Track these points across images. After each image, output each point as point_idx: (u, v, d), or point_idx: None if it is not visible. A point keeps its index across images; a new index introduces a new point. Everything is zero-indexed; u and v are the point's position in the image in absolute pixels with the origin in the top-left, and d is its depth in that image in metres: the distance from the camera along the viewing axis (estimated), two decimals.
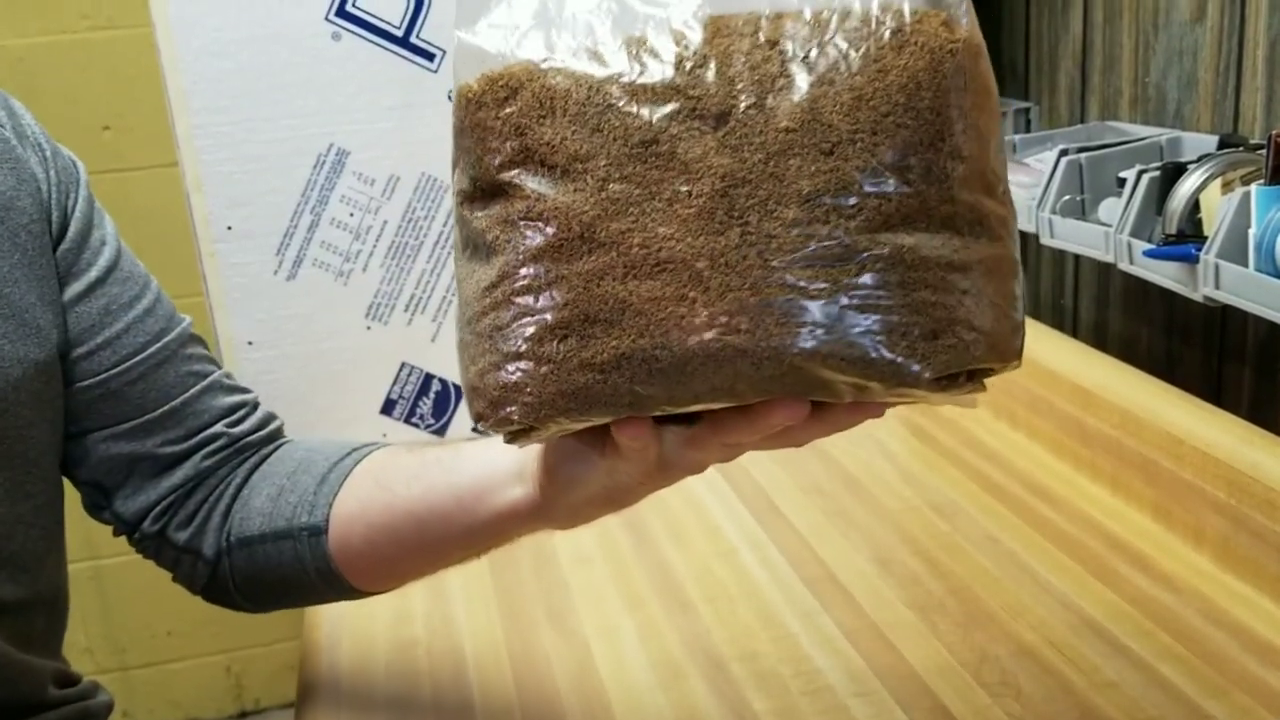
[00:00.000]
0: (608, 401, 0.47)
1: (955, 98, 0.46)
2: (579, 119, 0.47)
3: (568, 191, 0.47)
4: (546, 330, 0.47)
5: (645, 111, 0.46)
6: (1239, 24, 0.97)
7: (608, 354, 0.46)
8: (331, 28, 1.05)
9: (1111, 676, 0.74)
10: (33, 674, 0.72)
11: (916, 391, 0.47)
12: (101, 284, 0.72)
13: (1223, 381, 1.04)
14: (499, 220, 0.49)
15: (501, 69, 0.48)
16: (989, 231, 0.47)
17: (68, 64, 1.66)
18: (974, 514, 0.97)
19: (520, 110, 0.48)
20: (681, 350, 0.46)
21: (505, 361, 0.48)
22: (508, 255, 0.48)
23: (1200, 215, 0.87)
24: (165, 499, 0.74)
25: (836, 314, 0.45)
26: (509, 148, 0.48)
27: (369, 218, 1.10)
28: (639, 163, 0.46)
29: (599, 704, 0.77)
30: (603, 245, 0.46)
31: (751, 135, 0.46)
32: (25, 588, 0.69)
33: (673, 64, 0.47)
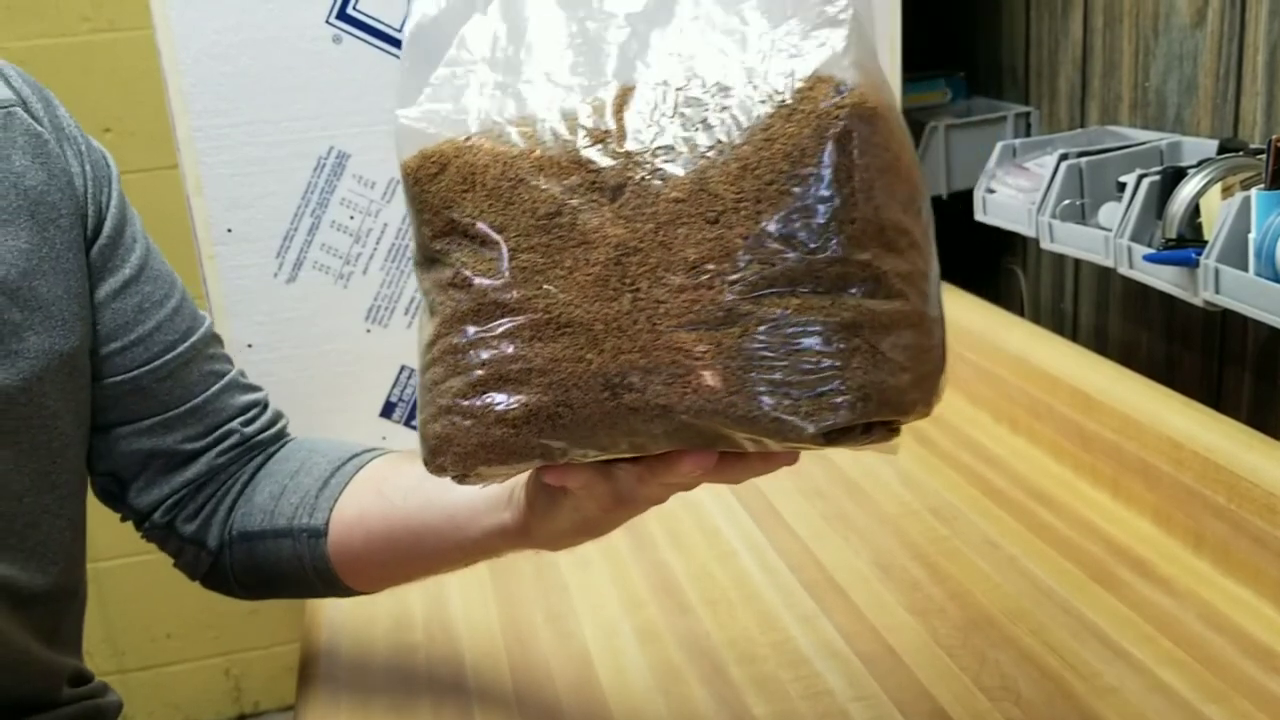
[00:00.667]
0: (522, 453, 0.51)
1: (842, 162, 0.47)
2: (495, 193, 0.50)
3: (484, 260, 0.51)
4: (469, 387, 0.51)
5: (551, 185, 0.50)
6: (1239, 29, 0.97)
7: (518, 410, 0.50)
8: (332, 31, 1.05)
9: (1111, 681, 0.74)
10: (53, 672, 0.73)
11: (809, 446, 0.49)
12: (135, 282, 0.73)
13: (1223, 386, 1.04)
14: (436, 284, 0.53)
15: (434, 146, 0.52)
16: (885, 289, 0.49)
17: (68, 66, 1.66)
18: (974, 518, 0.97)
19: (447, 185, 0.52)
20: (580, 408, 0.49)
21: (440, 414, 0.52)
22: (441, 316, 0.52)
23: (1200, 220, 0.87)
24: (178, 493, 0.76)
25: (719, 375, 0.48)
26: (438, 220, 0.52)
27: (369, 221, 1.10)
28: (544, 233, 0.49)
29: (598, 707, 0.77)
30: (513, 310, 0.50)
31: (644, 206, 0.48)
32: (52, 578, 0.70)
33: (580, 139, 0.50)
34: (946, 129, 1.27)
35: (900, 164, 0.50)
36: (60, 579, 0.71)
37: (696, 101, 0.49)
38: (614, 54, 0.51)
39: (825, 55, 0.48)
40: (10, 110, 0.68)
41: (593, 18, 0.52)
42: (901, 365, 0.49)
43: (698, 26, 0.50)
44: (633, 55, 0.51)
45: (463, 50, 0.53)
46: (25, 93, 0.70)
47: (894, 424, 0.50)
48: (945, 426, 1.14)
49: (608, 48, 0.51)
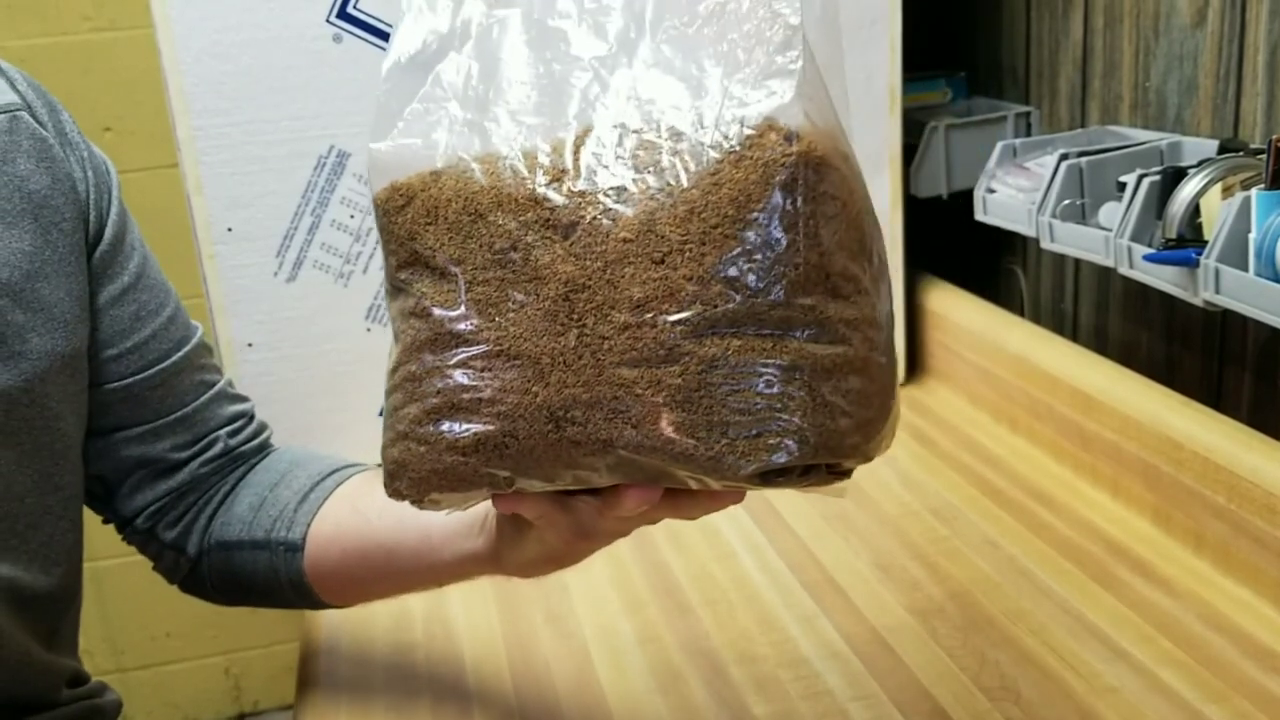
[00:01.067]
0: (472, 480, 0.52)
1: (787, 209, 0.48)
2: (455, 226, 0.52)
3: (442, 291, 0.52)
4: (425, 414, 0.52)
5: (508, 221, 0.51)
6: (1239, 29, 0.97)
7: (468, 439, 0.51)
8: (333, 30, 1.05)
9: (1111, 681, 0.74)
10: (51, 674, 0.73)
11: (747, 486, 0.50)
12: (133, 289, 0.74)
13: (1223, 386, 1.04)
14: (400, 313, 0.54)
15: (404, 179, 0.53)
16: (829, 334, 0.49)
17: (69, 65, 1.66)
18: (974, 518, 0.97)
19: (411, 218, 0.53)
20: (526, 439, 0.50)
21: (397, 439, 0.53)
22: (403, 344, 0.53)
23: (1200, 220, 0.87)
24: (160, 500, 0.77)
25: (658, 412, 0.49)
26: (403, 251, 0.53)
27: (369, 220, 1.10)
28: (499, 267, 0.51)
29: (598, 707, 0.77)
30: (467, 340, 0.51)
31: (594, 244, 0.50)
32: (54, 579, 0.71)
33: (538, 177, 0.51)
34: (947, 129, 1.27)
35: (848, 211, 0.51)
36: (62, 580, 0.72)
37: (651, 145, 0.50)
38: (576, 96, 0.52)
39: (774, 104, 0.49)
40: (16, 115, 0.68)
41: (559, 60, 0.53)
42: (843, 410, 0.49)
43: (657, 72, 0.52)
44: (594, 98, 0.52)
45: (437, 87, 0.55)
46: (30, 97, 0.70)
47: (836, 467, 0.51)
48: (945, 427, 1.14)
49: (571, 90, 0.52)
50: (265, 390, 1.10)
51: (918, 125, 1.27)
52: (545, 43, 0.54)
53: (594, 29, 0.53)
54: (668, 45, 0.52)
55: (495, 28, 0.54)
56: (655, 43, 0.52)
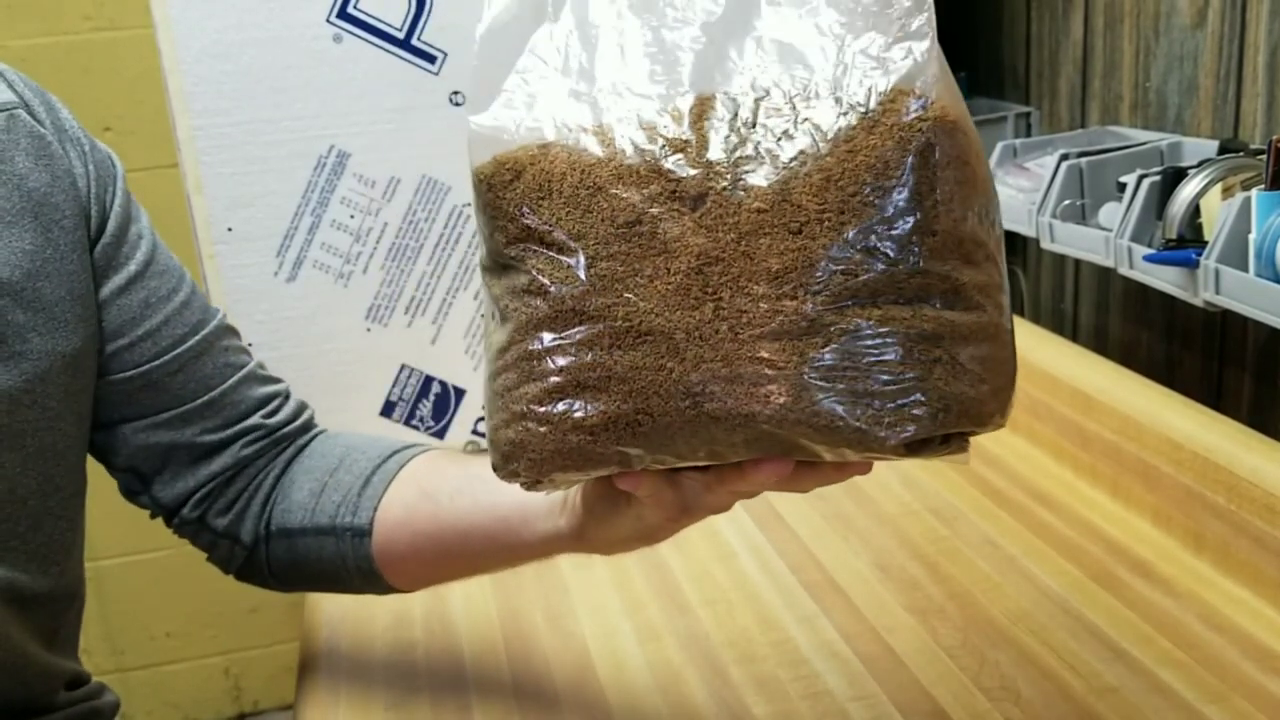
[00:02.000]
0: (599, 460, 0.51)
1: (924, 175, 0.48)
2: (572, 201, 0.50)
3: (562, 267, 0.50)
4: (545, 394, 0.50)
5: (630, 194, 0.50)
6: (1239, 29, 0.97)
7: (596, 417, 0.50)
8: (333, 30, 1.05)
9: (1111, 681, 0.74)
10: (50, 675, 0.73)
11: (889, 456, 0.49)
12: (140, 277, 0.73)
13: (1223, 386, 1.04)
14: (508, 291, 0.52)
15: (508, 152, 0.52)
16: (964, 300, 0.49)
17: (69, 65, 1.66)
18: (974, 519, 0.97)
19: (522, 192, 0.51)
20: (661, 416, 0.49)
21: (513, 420, 0.52)
22: (515, 323, 0.52)
23: (1200, 220, 0.87)
24: (205, 486, 0.76)
25: (802, 384, 0.48)
26: (513, 227, 0.52)
27: (369, 220, 1.10)
28: (624, 241, 0.49)
29: (598, 706, 0.77)
30: (591, 317, 0.50)
31: (725, 216, 0.49)
32: (53, 580, 0.71)
33: (658, 148, 0.50)
34: None
35: (978, 177, 0.50)
36: (61, 581, 0.71)
37: (777, 112, 0.49)
38: (690, 63, 0.51)
39: (908, 67, 0.49)
40: (12, 113, 0.68)
41: (666, 26, 0.52)
42: (980, 376, 0.49)
43: (776, 35, 0.51)
44: (710, 65, 0.51)
45: (534, 58, 0.53)
46: (27, 95, 0.70)
47: (969, 434, 0.50)
48: None
49: (683, 56, 0.51)
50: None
51: None
52: (649, 7, 0.52)
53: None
54: (786, 7, 0.51)
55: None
56: (772, 5, 0.51)
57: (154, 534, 0.81)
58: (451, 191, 1.08)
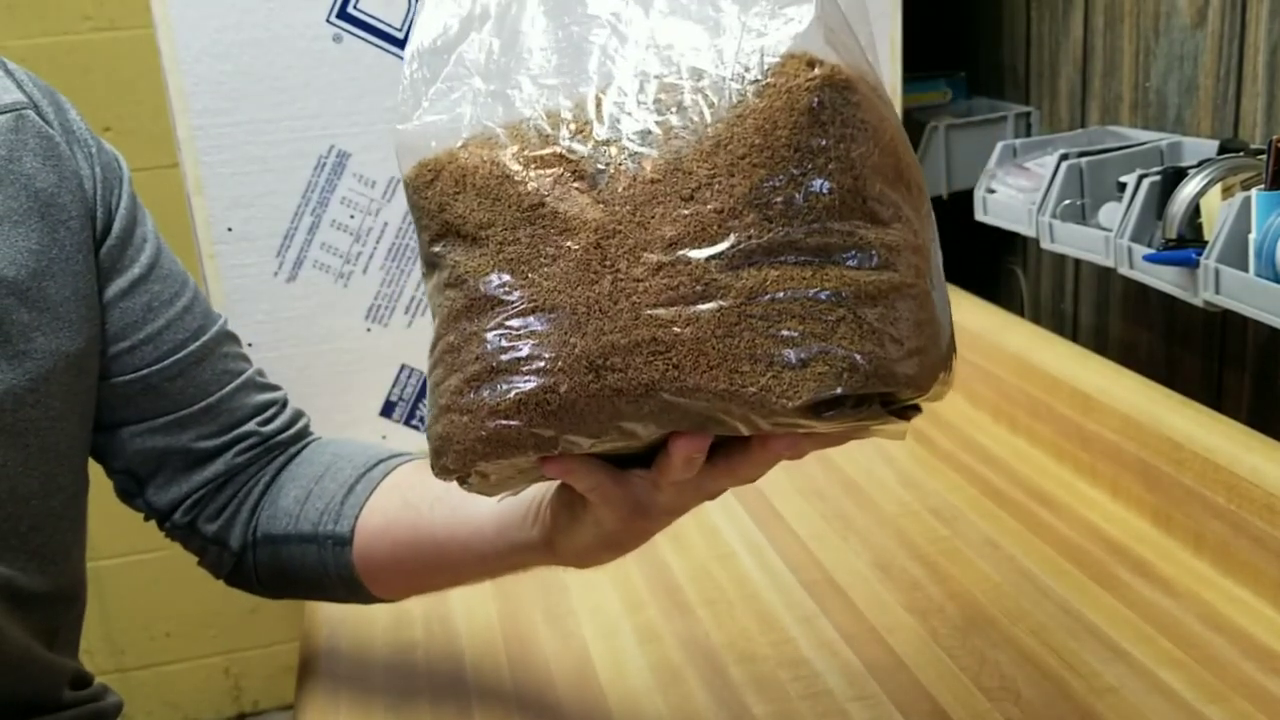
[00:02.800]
0: (516, 444, 0.50)
1: (815, 132, 0.48)
2: (483, 192, 0.51)
3: (474, 257, 0.51)
4: (464, 383, 0.51)
5: (534, 178, 0.50)
6: (1239, 29, 0.97)
7: (509, 401, 0.50)
8: (333, 30, 1.05)
9: (1111, 681, 0.74)
10: (53, 673, 0.73)
11: (797, 421, 0.48)
12: (144, 280, 0.73)
13: (1223, 386, 1.04)
14: (435, 288, 0.54)
15: (430, 155, 0.53)
16: (871, 258, 0.48)
17: (69, 65, 1.66)
18: (973, 518, 0.97)
19: (440, 190, 0.53)
20: (567, 392, 0.49)
21: (440, 414, 0.52)
22: (439, 319, 0.53)
23: (1200, 220, 0.87)
24: (197, 492, 0.76)
25: (700, 349, 0.47)
26: (434, 224, 0.53)
27: (369, 220, 1.10)
28: (529, 225, 0.50)
29: (597, 706, 0.77)
30: (501, 303, 0.50)
31: (621, 189, 0.49)
32: (52, 580, 0.71)
33: (561, 132, 0.51)
34: (947, 129, 1.27)
35: (879, 136, 0.49)
36: (60, 582, 0.71)
37: (672, 87, 0.50)
38: (595, 52, 0.52)
39: (793, 30, 0.48)
40: (21, 113, 0.68)
41: (576, 22, 0.53)
42: (892, 337, 0.48)
43: (674, 19, 0.51)
44: (613, 51, 0.51)
45: (459, 66, 0.54)
46: (36, 96, 0.70)
47: (892, 402, 0.49)
48: (945, 426, 1.14)
49: (589, 47, 0.52)
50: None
51: (918, 125, 1.28)
52: (563, 8, 0.53)
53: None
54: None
55: (514, 4, 0.54)
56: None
57: (154, 534, 0.81)
58: None
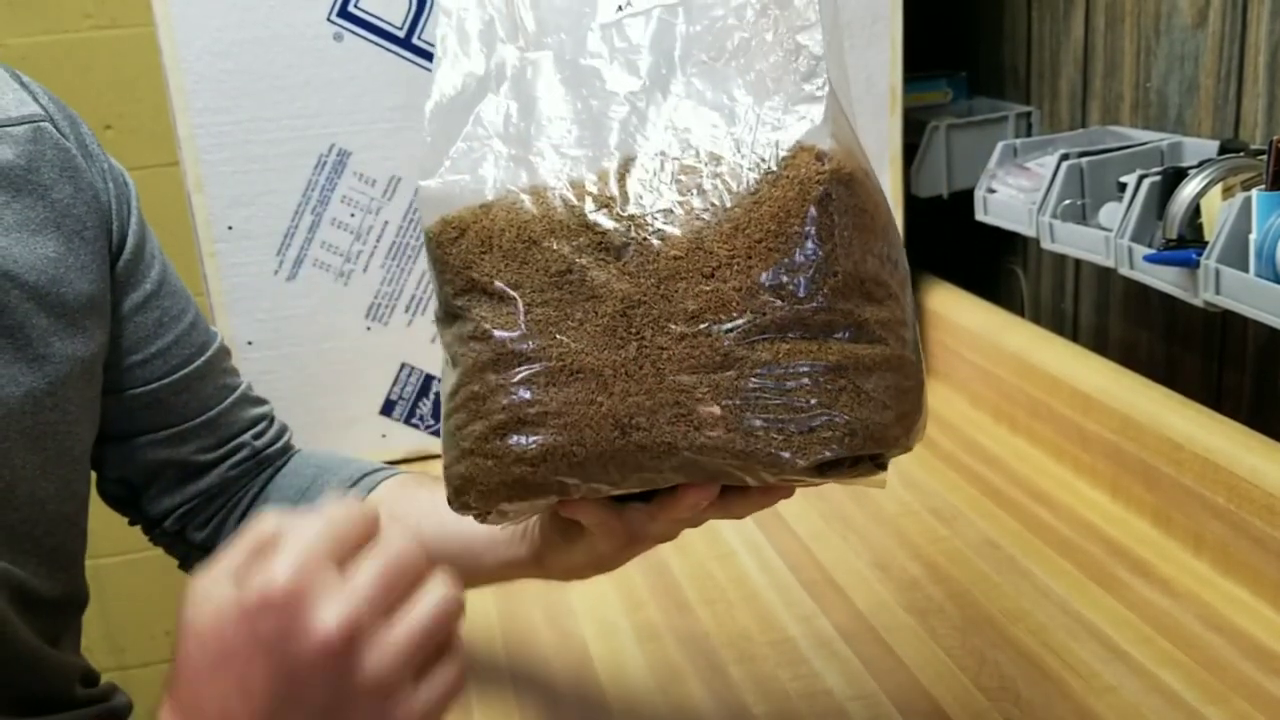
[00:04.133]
0: (540, 489, 0.54)
1: (824, 221, 0.52)
2: (510, 254, 0.55)
3: (502, 314, 0.55)
4: (490, 430, 0.54)
5: (561, 246, 0.54)
6: (1240, 30, 0.97)
7: (536, 450, 0.54)
8: (333, 28, 1.05)
9: (1110, 681, 0.74)
10: (63, 670, 0.73)
11: (802, 479, 0.53)
12: (155, 296, 0.75)
13: (1223, 387, 1.04)
14: (457, 338, 0.57)
15: (454, 213, 0.57)
16: (868, 334, 0.53)
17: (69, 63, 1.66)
18: (973, 518, 0.97)
19: (466, 248, 0.56)
20: (593, 446, 0.53)
21: (463, 456, 0.56)
22: (463, 367, 0.56)
23: (1201, 220, 0.87)
24: (190, 502, 0.78)
25: (719, 414, 0.52)
26: (459, 279, 0.56)
27: (370, 218, 1.10)
28: (556, 289, 0.54)
29: (597, 705, 0.77)
30: (529, 359, 0.54)
31: (646, 263, 0.53)
32: (62, 584, 0.72)
33: (587, 204, 0.55)
34: (948, 129, 1.27)
35: (876, 222, 0.55)
36: (69, 588, 0.72)
37: (691, 169, 0.54)
38: (615, 128, 0.56)
39: (806, 127, 0.53)
40: (40, 125, 0.70)
41: (595, 96, 0.57)
42: (884, 404, 0.53)
43: (691, 103, 0.56)
44: (632, 129, 0.56)
45: (478, 126, 0.58)
46: (52, 110, 0.72)
47: (879, 459, 0.54)
48: (945, 427, 1.14)
49: (609, 122, 0.56)
50: (265, 388, 1.10)
51: (919, 125, 1.27)
52: (580, 81, 0.57)
53: (626, 66, 0.57)
54: (698, 78, 0.56)
55: (529, 69, 0.58)
56: (686, 77, 0.56)
57: None
58: None
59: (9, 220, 0.67)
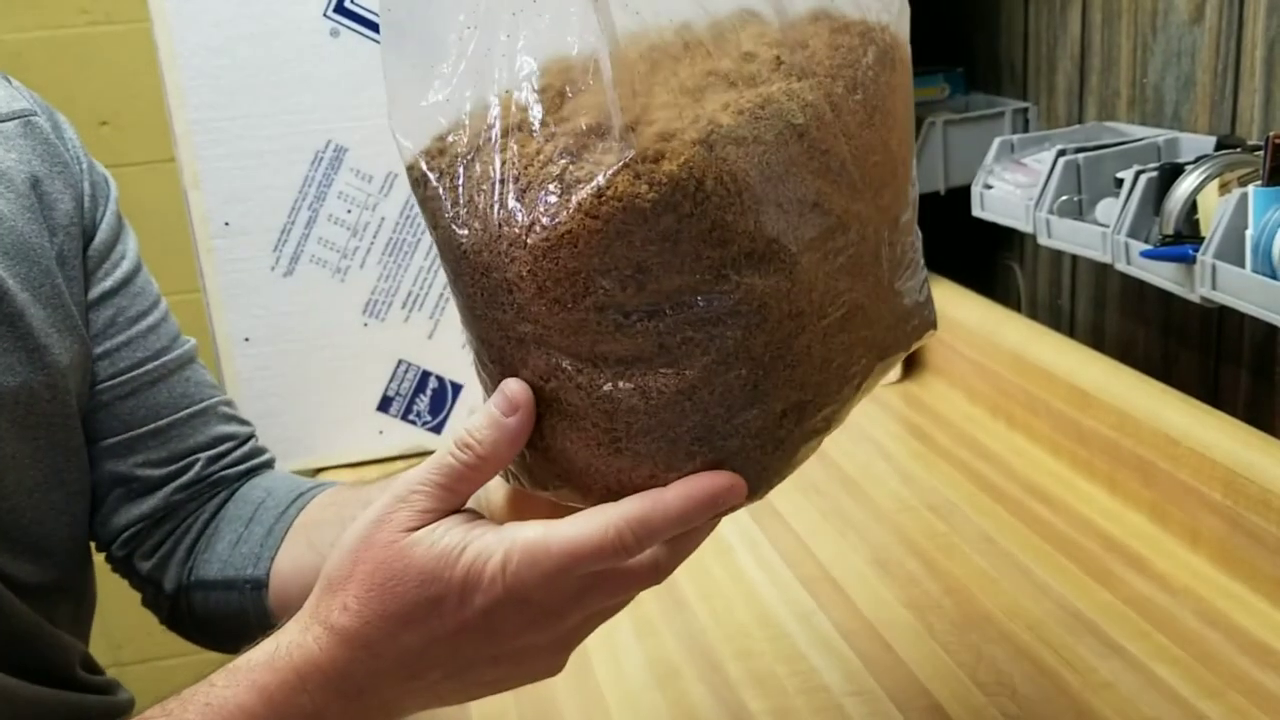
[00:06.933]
0: (805, 457, 0.53)
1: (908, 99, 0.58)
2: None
3: (771, 276, 0.48)
4: (779, 416, 0.49)
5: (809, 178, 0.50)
6: (1237, 25, 0.97)
7: (819, 421, 0.51)
8: (330, 24, 1.05)
9: (1107, 677, 0.75)
10: (63, 649, 0.72)
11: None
12: (113, 295, 0.73)
13: (1219, 382, 1.05)
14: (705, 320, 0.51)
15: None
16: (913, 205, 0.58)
17: (65, 59, 1.66)
18: (971, 514, 0.97)
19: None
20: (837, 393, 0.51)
21: (727, 454, 0.50)
22: (712, 355, 0.48)
23: (1197, 216, 0.87)
24: (135, 526, 0.74)
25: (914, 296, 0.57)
26: (726, 238, 0.48)
27: (366, 214, 1.10)
28: (813, 230, 0.50)
29: (595, 702, 0.77)
30: (821, 314, 0.49)
31: (864, 173, 0.49)
32: (46, 572, 0.70)
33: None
34: (944, 124, 1.26)
35: None
36: (57, 574, 0.71)
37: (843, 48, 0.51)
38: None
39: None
40: (29, 119, 0.70)
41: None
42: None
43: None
44: None
45: None
46: (36, 108, 0.72)
47: None
48: (942, 422, 1.14)
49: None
50: (262, 384, 1.10)
51: (915, 121, 1.27)
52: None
53: None
54: None
55: None
56: None
57: None
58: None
59: (3, 210, 0.67)
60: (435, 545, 0.47)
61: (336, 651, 0.49)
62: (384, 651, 0.48)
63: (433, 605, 0.47)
